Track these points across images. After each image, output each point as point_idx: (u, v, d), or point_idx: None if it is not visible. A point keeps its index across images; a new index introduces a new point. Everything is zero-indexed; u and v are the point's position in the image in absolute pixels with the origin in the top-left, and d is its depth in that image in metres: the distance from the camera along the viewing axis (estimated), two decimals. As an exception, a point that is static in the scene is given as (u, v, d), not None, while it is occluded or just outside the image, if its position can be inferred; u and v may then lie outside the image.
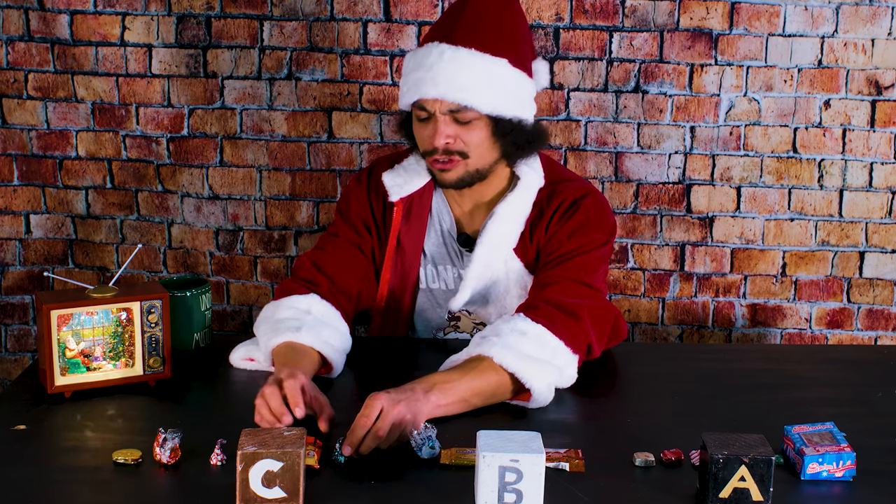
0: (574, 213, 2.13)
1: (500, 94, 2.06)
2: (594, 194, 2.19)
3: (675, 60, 2.88)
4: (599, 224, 2.15)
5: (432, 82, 2.04)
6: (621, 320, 2.19)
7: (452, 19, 2.09)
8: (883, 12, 2.82)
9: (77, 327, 1.92)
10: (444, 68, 2.03)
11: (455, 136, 2.07)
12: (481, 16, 2.07)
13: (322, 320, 2.05)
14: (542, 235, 2.14)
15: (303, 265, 2.17)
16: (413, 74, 2.08)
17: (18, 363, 3.15)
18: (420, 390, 1.80)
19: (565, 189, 2.17)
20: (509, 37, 2.09)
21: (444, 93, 2.03)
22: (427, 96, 2.05)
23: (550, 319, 1.97)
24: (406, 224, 2.20)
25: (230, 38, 2.91)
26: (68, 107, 2.98)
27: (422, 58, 2.07)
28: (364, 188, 2.24)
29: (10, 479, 1.63)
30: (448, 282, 2.24)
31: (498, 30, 2.08)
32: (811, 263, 2.99)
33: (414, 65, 2.09)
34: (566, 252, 2.10)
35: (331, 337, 2.03)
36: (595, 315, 2.04)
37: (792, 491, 1.64)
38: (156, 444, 1.67)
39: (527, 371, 1.88)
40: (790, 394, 2.03)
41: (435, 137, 2.06)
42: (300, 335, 1.99)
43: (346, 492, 1.61)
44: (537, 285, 2.09)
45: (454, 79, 2.03)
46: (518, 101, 2.10)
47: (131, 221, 3.06)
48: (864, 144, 2.91)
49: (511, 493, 1.52)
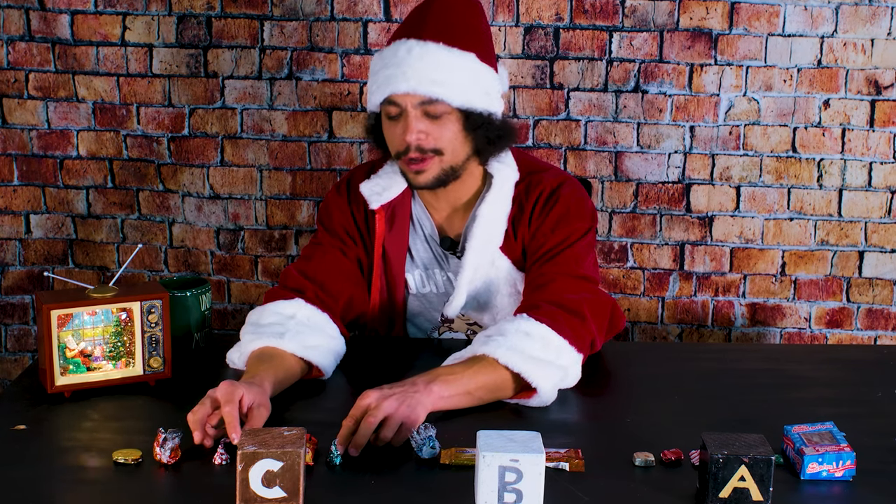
0: (554, 205, 2.13)
1: (470, 87, 2.06)
2: (569, 182, 2.18)
3: (675, 60, 2.88)
4: (580, 212, 2.15)
5: (402, 77, 2.03)
6: (618, 309, 2.20)
7: (420, 17, 2.09)
8: (882, 12, 2.83)
9: (77, 327, 1.92)
10: (413, 63, 2.03)
11: (427, 133, 2.05)
12: (448, 12, 2.08)
13: (307, 324, 2.03)
14: (526, 231, 2.14)
15: (289, 274, 2.15)
16: (382, 72, 2.07)
17: (18, 363, 3.15)
18: (422, 382, 1.81)
19: (541, 180, 2.16)
20: (475, 33, 2.10)
21: (416, 86, 2.02)
22: (398, 91, 2.04)
23: (553, 319, 1.97)
24: (389, 231, 2.20)
25: (231, 37, 2.91)
26: (69, 106, 2.98)
27: (390, 56, 2.07)
28: (344, 198, 2.22)
29: (10, 479, 1.63)
30: (439, 285, 2.24)
31: (465, 26, 2.08)
32: (810, 263, 2.99)
33: (382, 63, 2.08)
34: (553, 246, 2.10)
35: (316, 340, 2.01)
36: (595, 309, 2.05)
37: (792, 491, 1.64)
38: (156, 444, 1.67)
39: (533, 372, 1.89)
40: (790, 394, 2.03)
41: (407, 133, 2.05)
42: (283, 341, 1.97)
43: (345, 492, 1.61)
44: (533, 284, 2.09)
45: (425, 72, 2.03)
46: (487, 94, 2.09)
47: (132, 221, 3.06)
48: (864, 144, 2.91)
49: (511, 493, 1.52)
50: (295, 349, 1.98)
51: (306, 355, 1.99)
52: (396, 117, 2.07)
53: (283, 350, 1.97)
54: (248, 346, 2.00)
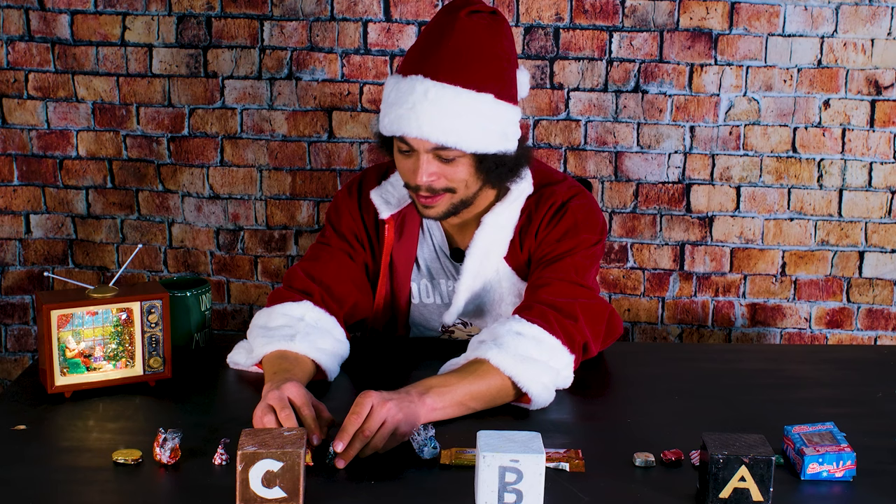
0: (562, 217, 2.11)
1: (485, 132, 2.00)
2: (581, 195, 2.16)
3: (675, 60, 2.88)
4: (588, 225, 2.12)
5: (416, 122, 1.97)
6: (616, 317, 2.18)
7: (435, 48, 2.00)
8: (883, 12, 2.83)
9: (77, 327, 1.92)
10: (427, 109, 1.97)
11: (439, 174, 2.02)
12: (467, 46, 2.00)
13: (316, 326, 2.03)
14: (532, 241, 2.13)
15: (295, 275, 2.13)
16: (395, 109, 2.01)
17: (18, 363, 3.15)
18: (415, 393, 1.79)
19: (553, 193, 2.14)
20: (495, 67, 2.02)
21: (428, 134, 1.97)
22: (410, 135, 1.99)
23: (546, 319, 1.96)
24: (398, 240, 2.19)
25: (230, 37, 2.91)
26: (69, 107, 2.98)
27: (404, 93, 2.00)
28: (355, 201, 2.20)
29: (10, 479, 1.63)
30: (444, 296, 2.23)
31: (482, 61, 2.00)
32: (811, 263, 2.99)
33: (395, 97, 2.01)
34: (557, 255, 2.08)
35: (325, 343, 2.01)
36: (589, 313, 2.03)
37: (792, 491, 1.64)
38: (156, 444, 1.67)
39: (524, 375, 1.88)
40: (790, 394, 2.03)
41: (417, 175, 2.01)
42: (294, 344, 1.97)
43: (345, 492, 1.61)
44: (530, 288, 2.08)
45: (438, 120, 1.97)
46: (502, 136, 2.04)
47: (132, 221, 3.06)
48: (864, 144, 2.91)
49: (511, 493, 1.52)
50: (307, 351, 1.97)
51: (317, 357, 1.98)
52: (408, 152, 2.04)
53: (296, 353, 1.97)
54: (260, 350, 1.99)
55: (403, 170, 2.07)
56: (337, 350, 2.04)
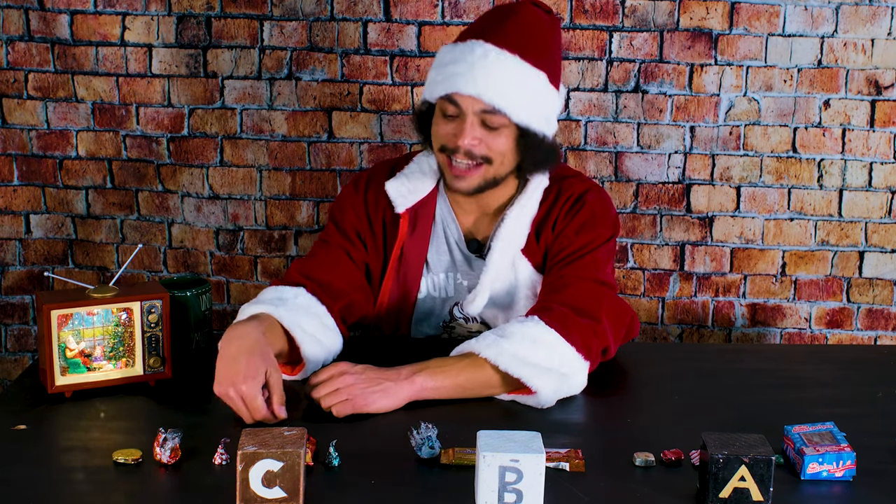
0: (580, 210, 2.13)
1: (534, 107, 2.03)
2: (596, 189, 2.19)
3: (675, 60, 2.88)
4: (604, 219, 2.14)
5: (471, 79, 1.98)
6: (635, 318, 2.21)
7: (500, 21, 2.04)
8: (883, 12, 2.83)
9: (77, 327, 1.92)
10: (486, 68, 1.98)
11: (481, 140, 2.03)
12: (531, 24, 2.04)
13: (306, 308, 2.01)
14: (550, 234, 2.13)
15: (289, 273, 2.14)
16: (449, 67, 2.02)
17: (18, 363, 3.15)
18: (407, 372, 1.86)
19: (571, 185, 2.16)
20: (550, 54, 2.07)
21: (482, 92, 1.98)
22: (463, 92, 1.99)
23: (564, 324, 1.95)
24: (411, 234, 2.18)
25: (230, 38, 2.91)
26: (68, 107, 2.98)
27: (463, 52, 2.02)
28: (361, 198, 2.20)
29: (10, 479, 1.63)
30: (449, 290, 2.23)
31: (543, 43, 2.05)
32: (811, 263, 2.99)
33: (451, 58, 2.03)
34: (575, 250, 2.09)
35: (310, 325, 1.99)
36: (613, 315, 2.04)
37: (792, 491, 1.64)
38: (156, 444, 1.67)
39: (532, 376, 1.89)
40: (790, 394, 2.03)
41: (461, 137, 2.01)
42: (278, 311, 1.96)
43: (345, 492, 1.61)
44: (550, 286, 2.07)
45: (495, 81, 1.98)
46: (546, 119, 2.07)
47: (131, 221, 3.06)
48: (864, 144, 2.91)
49: (511, 493, 1.52)
50: (288, 324, 1.96)
51: (296, 334, 1.96)
52: (452, 116, 2.04)
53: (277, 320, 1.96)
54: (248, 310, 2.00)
55: (443, 133, 2.06)
56: (322, 337, 2.01)
